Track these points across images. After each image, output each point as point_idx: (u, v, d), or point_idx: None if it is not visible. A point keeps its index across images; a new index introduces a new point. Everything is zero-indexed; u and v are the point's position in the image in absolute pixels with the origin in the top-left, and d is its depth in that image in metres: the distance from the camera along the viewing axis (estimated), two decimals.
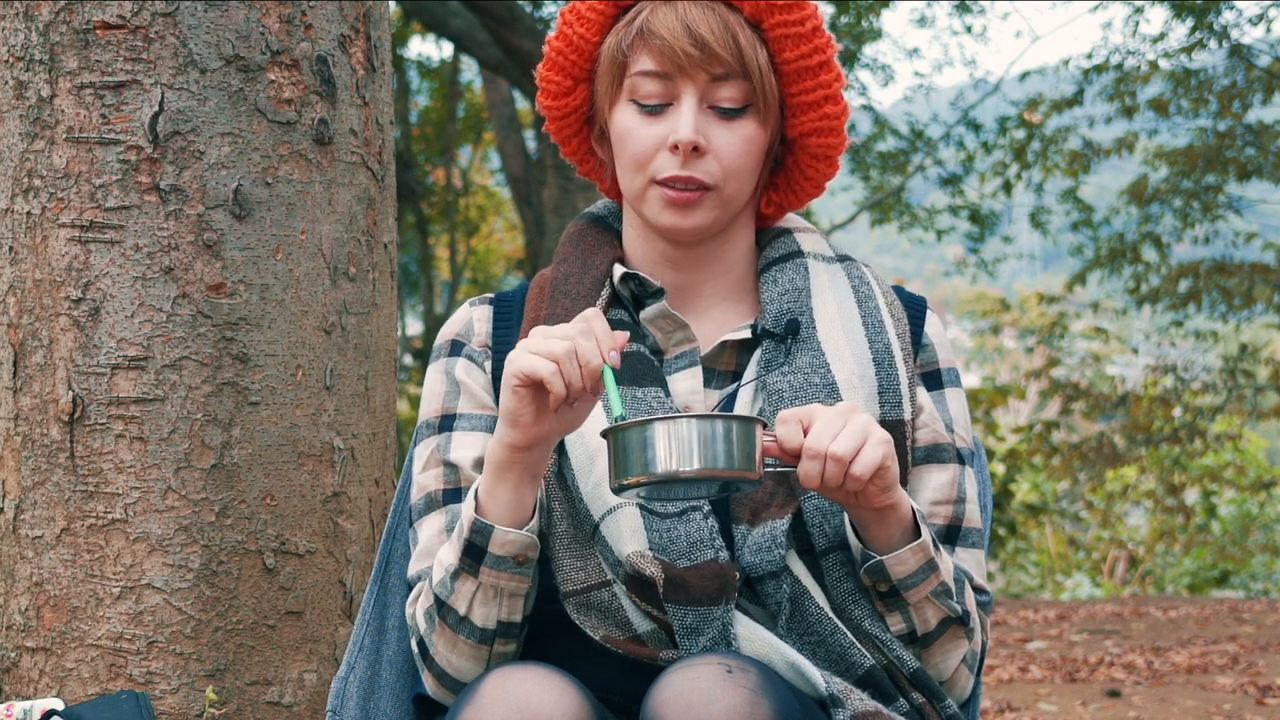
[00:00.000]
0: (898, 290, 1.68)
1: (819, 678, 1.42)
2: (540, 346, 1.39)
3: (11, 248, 2.02)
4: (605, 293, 1.63)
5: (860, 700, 1.43)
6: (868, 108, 13.60)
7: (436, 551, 1.57)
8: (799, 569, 1.51)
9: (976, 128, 13.51)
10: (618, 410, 1.37)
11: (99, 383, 1.96)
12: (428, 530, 1.59)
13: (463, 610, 1.49)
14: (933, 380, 1.65)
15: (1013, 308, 16.73)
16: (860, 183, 14.17)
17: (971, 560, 1.60)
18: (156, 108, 1.96)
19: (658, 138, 1.55)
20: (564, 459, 1.55)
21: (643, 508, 1.50)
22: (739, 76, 1.54)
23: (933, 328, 1.67)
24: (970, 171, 13.86)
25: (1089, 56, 11.74)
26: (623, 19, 1.59)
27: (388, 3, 2.24)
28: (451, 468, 1.60)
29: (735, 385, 1.59)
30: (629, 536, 1.48)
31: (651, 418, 1.34)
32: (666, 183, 1.55)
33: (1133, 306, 12.77)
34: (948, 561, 1.53)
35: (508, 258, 18.66)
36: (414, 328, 18.27)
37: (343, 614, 2.09)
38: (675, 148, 1.54)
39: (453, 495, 1.59)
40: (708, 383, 1.60)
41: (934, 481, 1.59)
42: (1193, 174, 11.36)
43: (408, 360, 16.22)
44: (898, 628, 1.52)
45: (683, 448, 1.33)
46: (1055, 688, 5.70)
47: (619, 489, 1.37)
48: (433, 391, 1.66)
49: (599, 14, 1.60)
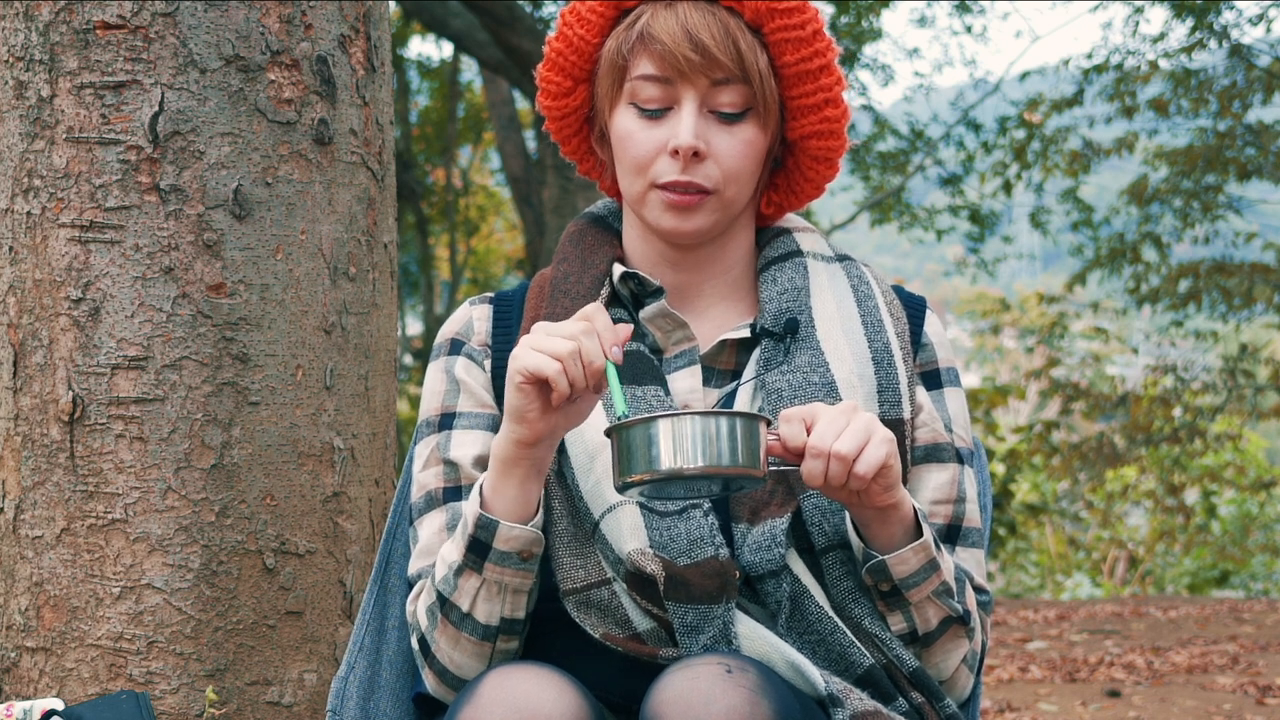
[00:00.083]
0: (897, 290, 1.68)
1: (818, 677, 1.42)
2: (544, 345, 1.39)
3: (11, 248, 2.02)
4: (605, 292, 1.63)
5: (860, 700, 1.43)
6: (868, 108, 13.60)
7: (437, 549, 1.57)
8: (799, 568, 1.51)
9: (976, 128, 13.51)
10: (621, 408, 1.37)
11: (99, 383, 1.96)
12: (428, 528, 1.59)
13: (466, 607, 1.49)
14: (932, 380, 1.65)
15: (1013, 308, 16.73)
16: (860, 183, 14.17)
17: (971, 560, 1.60)
18: (156, 108, 1.96)
19: (658, 142, 1.55)
20: (564, 457, 1.55)
21: (643, 506, 1.50)
22: (739, 81, 1.54)
23: (932, 327, 1.67)
24: (970, 171, 13.86)
25: (1089, 56, 11.74)
26: (623, 21, 1.59)
27: (388, 3, 2.24)
28: (451, 466, 1.60)
29: (734, 384, 1.59)
30: (629, 534, 1.48)
31: (655, 415, 1.33)
32: (667, 187, 1.55)
33: (1133, 306, 12.77)
34: (949, 561, 1.53)
35: (508, 258, 18.66)
36: (414, 328, 18.28)
37: (343, 614, 2.09)
38: (676, 153, 1.54)
39: (453, 493, 1.59)
40: (707, 381, 1.60)
41: (933, 481, 1.59)
42: (1193, 174, 11.36)
43: (408, 360, 16.22)
44: (899, 627, 1.52)
45: (687, 445, 1.32)
46: (1055, 688, 5.70)
47: (623, 487, 1.36)
48: (433, 390, 1.66)
49: (599, 15, 1.60)
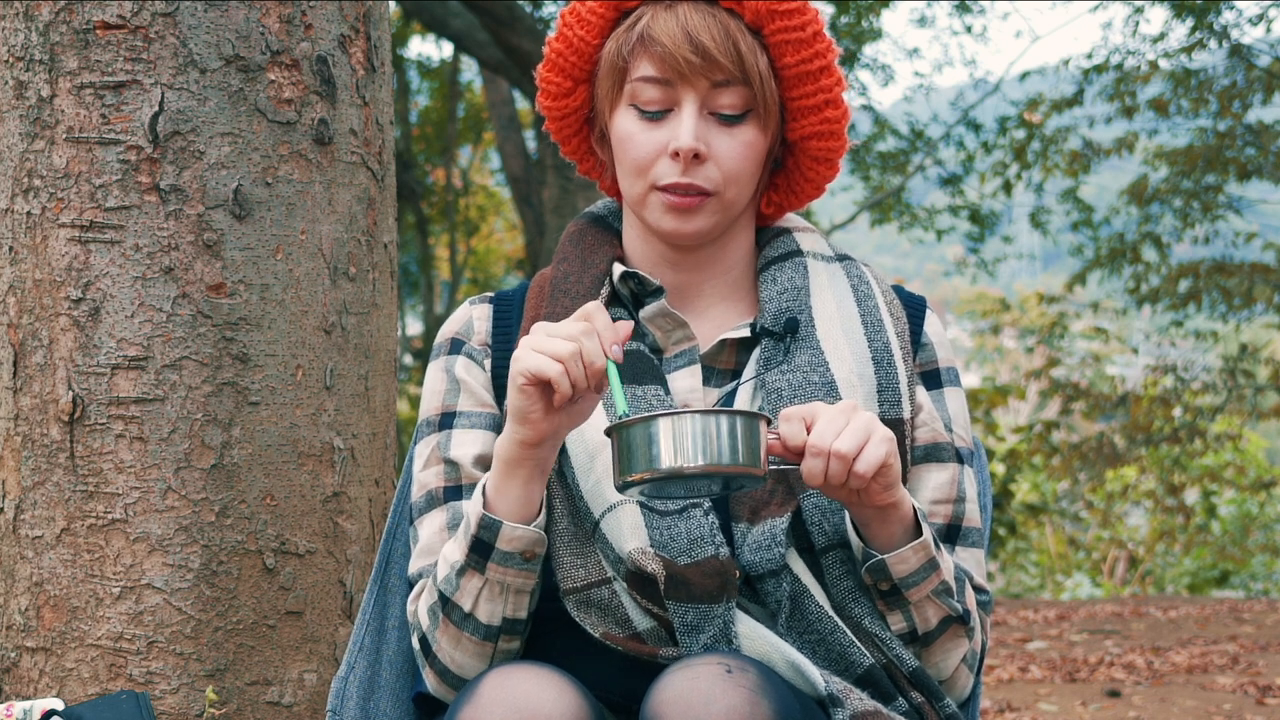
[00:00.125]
0: (897, 290, 1.68)
1: (818, 677, 1.42)
2: (546, 346, 1.39)
3: (11, 248, 2.02)
4: (605, 291, 1.63)
5: (860, 700, 1.43)
6: (868, 108, 13.60)
7: (437, 549, 1.57)
8: (799, 567, 1.51)
9: (976, 128, 13.51)
10: (622, 407, 1.37)
11: (99, 383, 1.96)
12: (429, 528, 1.59)
13: (468, 607, 1.49)
14: (932, 379, 1.65)
15: (1013, 308, 16.73)
16: (860, 183, 14.17)
17: (971, 560, 1.60)
18: (156, 108, 1.96)
19: (658, 144, 1.55)
20: (564, 457, 1.55)
21: (643, 505, 1.50)
22: (739, 83, 1.54)
23: (932, 327, 1.67)
24: (970, 171, 13.86)
25: (1089, 56, 11.74)
26: (623, 23, 1.59)
27: (388, 3, 2.24)
28: (452, 465, 1.60)
29: (734, 383, 1.59)
30: (629, 533, 1.48)
31: (655, 414, 1.33)
32: (667, 189, 1.55)
33: (1133, 306, 12.77)
34: (948, 560, 1.53)
35: (508, 258, 18.65)
36: (414, 328, 18.27)
37: (343, 614, 2.09)
38: (676, 155, 1.54)
39: (453, 493, 1.59)
40: (707, 381, 1.60)
41: (933, 480, 1.59)
42: (1193, 174, 11.36)
43: (408, 360, 16.22)
44: (898, 626, 1.52)
45: (687, 444, 1.32)
46: (1055, 688, 5.70)
47: (623, 486, 1.36)
48: (433, 389, 1.66)
49: (599, 17, 1.60)
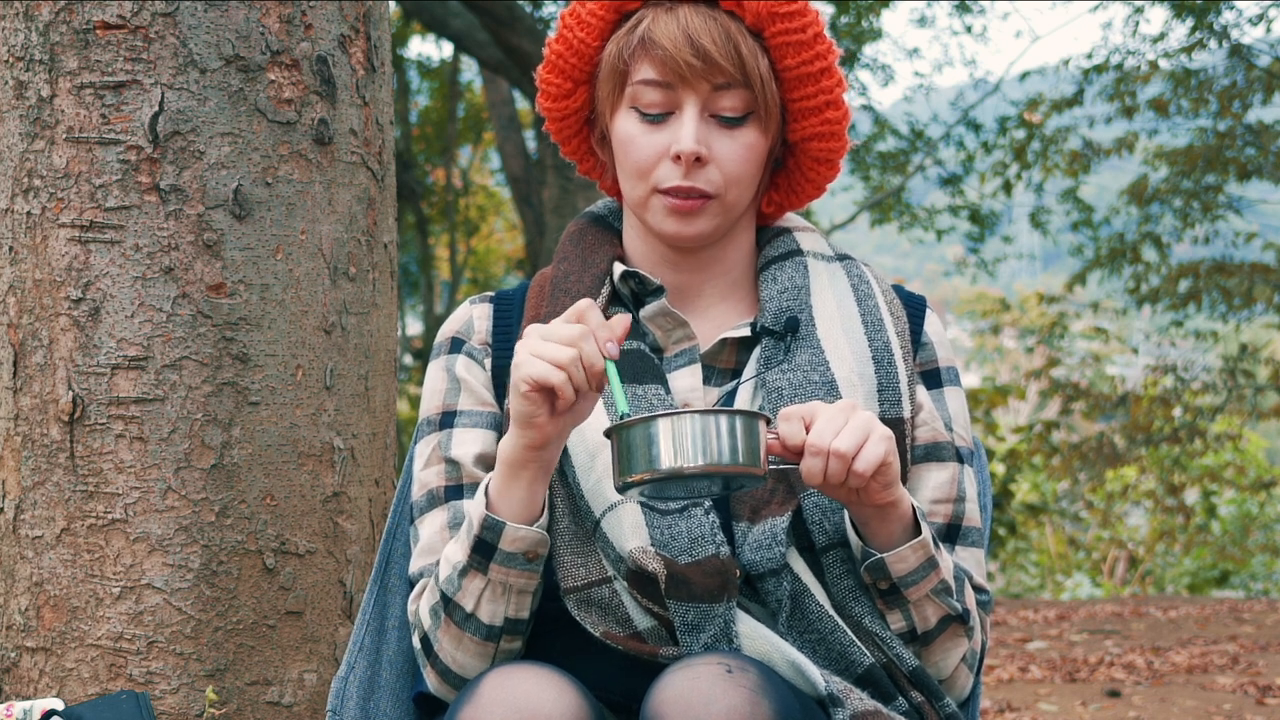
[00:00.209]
0: (897, 289, 1.68)
1: (819, 677, 1.42)
2: (546, 353, 1.38)
3: (11, 248, 2.02)
4: (605, 291, 1.63)
5: (860, 700, 1.43)
6: (868, 108, 13.60)
7: (439, 548, 1.57)
8: (799, 566, 1.51)
9: (976, 128, 13.51)
10: (622, 407, 1.37)
11: (99, 383, 1.96)
12: (429, 527, 1.59)
13: (470, 607, 1.49)
14: (932, 379, 1.65)
15: (1013, 308, 16.73)
16: (860, 183, 14.17)
17: (971, 559, 1.60)
18: (156, 108, 1.96)
19: (660, 147, 1.55)
20: (565, 456, 1.55)
21: (644, 504, 1.50)
22: (740, 85, 1.54)
23: (932, 326, 1.67)
24: (970, 171, 13.86)
25: (1089, 56, 11.74)
26: (624, 25, 1.58)
27: (388, 3, 2.24)
28: (453, 464, 1.60)
29: (735, 382, 1.59)
30: (630, 532, 1.48)
31: (655, 414, 1.33)
32: (669, 192, 1.55)
33: (1133, 306, 12.77)
34: (948, 559, 1.53)
35: (508, 258, 18.65)
36: (414, 328, 18.27)
37: (343, 614, 2.09)
38: (678, 158, 1.54)
39: (454, 492, 1.59)
40: (707, 380, 1.60)
41: (933, 480, 1.59)
42: (1193, 174, 11.36)
43: (408, 360, 16.22)
44: (898, 626, 1.52)
45: (686, 444, 1.32)
46: (1055, 688, 5.70)
47: (623, 487, 1.35)
48: (433, 389, 1.66)
49: (599, 19, 1.59)
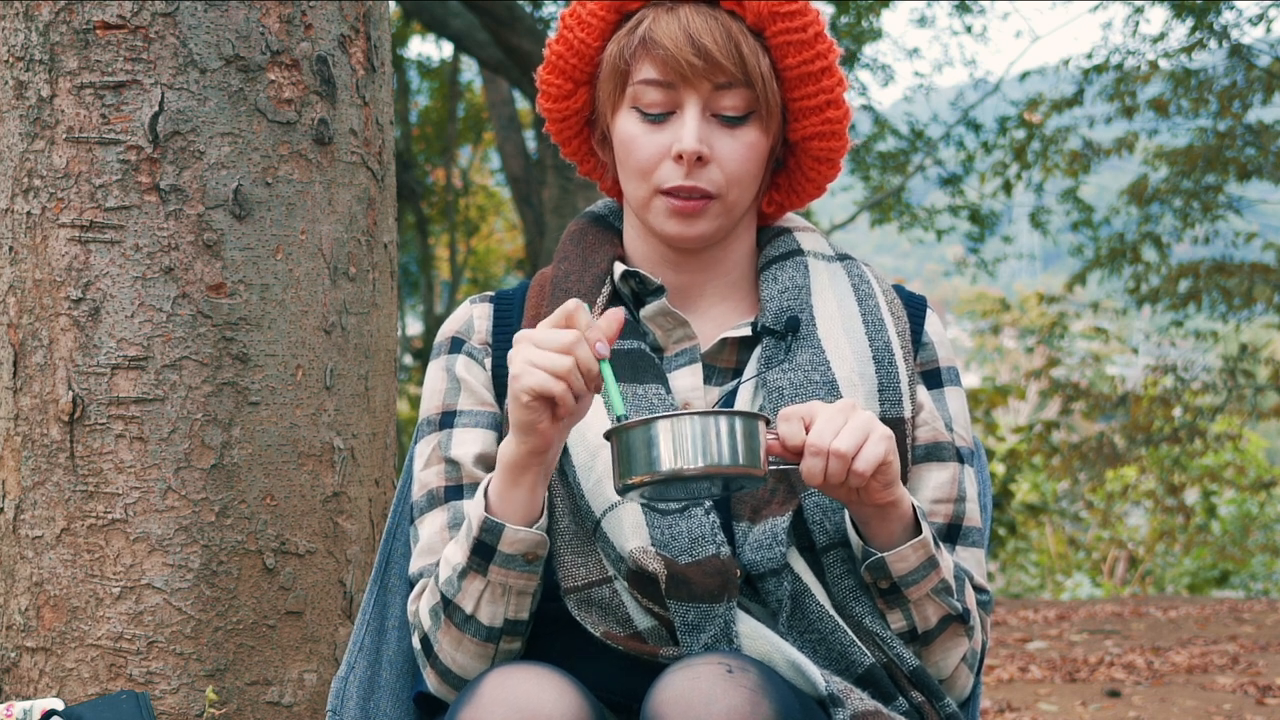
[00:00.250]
0: (898, 289, 1.68)
1: (819, 677, 1.42)
2: (544, 362, 1.38)
3: (11, 248, 2.02)
4: (606, 290, 1.63)
5: (860, 700, 1.43)
6: (868, 108, 13.60)
7: (439, 548, 1.57)
8: (800, 566, 1.51)
9: (976, 128, 13.51)
10: (618, 409, 1.37)
11: (99, 383, 1.96)
12: (429, 527, 1.59)
13: (470, 609, 1.49)
14: (932, 379, 1.65)
15: (1013, 308, 16.73)
16: (860, 183, 14.17)
17: (971, 559, 1.60)
18: (156, 108, 1.96)
19: (661, 147, 1.55)
20: (566, 456, 1.55)
21: (644, 505, 1.50)
22: (741, 85, 1.54)
23: (933, 326, 1.67)
24: (970, 171, 13.86)
25: (1089, 56, 11.74)
26: (624, 25, 1.58)
27: (388, 3, 2.24)
28: (453, 464, 1.60)
29: (735, 382, 1.59)
30: (631, 532, 1.48)
31: (654, 416, 1.32)
32: (671, 192, 1.55)
33: (1133, 306, 12.77)
34: (948, 559, 1.53)
35: (508, 258, 18.65)
36: (414, 328, 18.27)
37: (343, 614, 2.09)
38: (679, 157, 1.54)
39: (454, 492, 1.59)
40: (708, 380, 1.60)
41: (934, 480, 1.59)
42: (1193, 174, 11.36)
43: (408, 360, 16.21)
44: (898, 625, 1.52)
45: (686, 445, 1.32)
46: (1055, 688, 5.70)
47: (623, 489, 1.35)
48: (433, 389, 1.66)
49: (600, 19, 1.59)
